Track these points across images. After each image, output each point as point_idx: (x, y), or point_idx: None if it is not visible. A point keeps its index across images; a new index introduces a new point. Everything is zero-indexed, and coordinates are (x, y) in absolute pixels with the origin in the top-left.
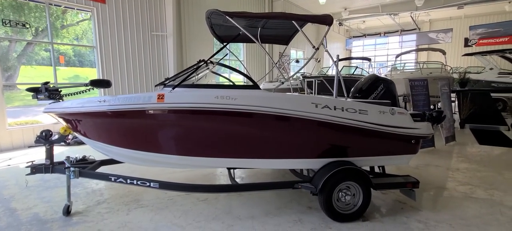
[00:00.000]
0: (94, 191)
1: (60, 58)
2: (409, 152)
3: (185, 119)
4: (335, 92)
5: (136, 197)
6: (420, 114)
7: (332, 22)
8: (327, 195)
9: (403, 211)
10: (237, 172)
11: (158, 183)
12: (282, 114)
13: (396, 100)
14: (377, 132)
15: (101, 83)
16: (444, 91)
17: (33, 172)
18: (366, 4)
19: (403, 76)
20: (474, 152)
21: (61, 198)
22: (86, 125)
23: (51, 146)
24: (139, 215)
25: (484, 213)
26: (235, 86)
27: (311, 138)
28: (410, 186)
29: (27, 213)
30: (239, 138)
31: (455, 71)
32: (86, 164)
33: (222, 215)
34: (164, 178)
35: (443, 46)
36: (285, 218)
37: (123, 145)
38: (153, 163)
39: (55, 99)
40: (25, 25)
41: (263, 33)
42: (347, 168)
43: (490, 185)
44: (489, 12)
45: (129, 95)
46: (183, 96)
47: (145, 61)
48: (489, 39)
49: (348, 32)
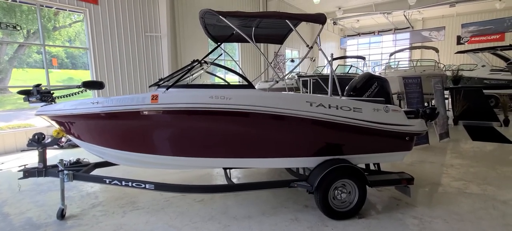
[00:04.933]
0: (89, 194)
1: (53, 61)
2: (403, 148)
3: (180, 120)
4: (329, 91)
5: (131, 199)
6: (414, 112)
7: (325, 20)
8: (323, 193)
9: (398, 208)
10: (233, 171)
11: (153, 185)
12: (277, 114)
13: (390, 98)
14: (371, 130)
15: (93, 84)
16: (437, 89)
17: (26, 176)
18: (360, 3)
19: (397, 74)
20: (467, 148)
21: (55, 202)
22: (79, 127)
23: (44, 149)
24: (135, 217)
25: (478, 208)
26: (229, 86)
27: (306, 136)
28: (405, 182)
29: (20, 217)
30: (234, 137)
31: (448, 68)
32: (80, 167)
33: (218, 216)
34: (160, 179)
35: (436, 44)
36: (282, 217)
37: (117, 147)
38: (148, 165)
39: (47, 102)
40: (16, 27)
41: (257, 33)
42: (342, 165)
43: (483, 180)
44: (480, 10)
45: (122, 97)
46: (177, 97)
47: (140, 63)
48: (480, 36)
49: (343, 31)
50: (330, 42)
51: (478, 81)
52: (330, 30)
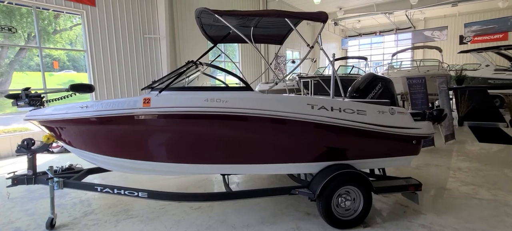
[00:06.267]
0: (82, 201)
1: (54, 64)
2: (410, 152)
3: (173, 124)
4: (332, 93)
5: (125, 207)
6: (420, 114)
7: (326, 19)
8: (326, 200)
9: (405, 215)
10: (231, 177)
11: (146, 193)
12: (277, 117)
13: (395, 99)
14: (376, 133)
15: (82, 88)
16: (442, 89)
17: (15, 183)
18: (361, 3)
19: (400, 74)
20: (474, 150)
21: (46, 210)
22: (69, 132)
23: (34, 155)
24: (128, 226)
25: (490, 215)
26: (226, 88)
27: (308, 140)
28: (413, 188)
29: (8, 227)
30: (231, 143)
31: (452, 68)
32: (72, 173)
33: (216, 225)
34: (156, 185)
35: (438, 44)
36: (282, 226)
37: (109, 153)
38: (142, 171)
39: (35, 106)
40: (11, 29)
41: (256, 33)
42: (346, 171)
43: (493, 185)
44: (483, 9)
45: (113, 100)
46: (171, 100)
47: (138, 65)
48: (484, 36)
49: (344, 32)
50: (331, 43)
51: (482, 81)
52: (331, 31)
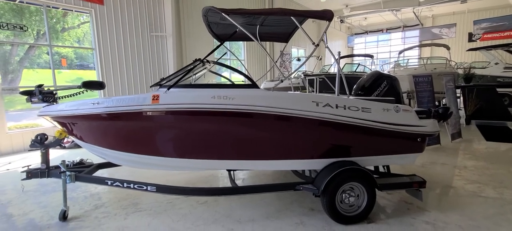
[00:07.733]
0: (93, 195)
1: (63, 61)
2: (415, 150)
3: (181, 120)
4: (337, 90)
5: (134, 201)
6: (425, 111)
7: (332, 17)
8: (330, 196)
9: (409, 212)
10: (237, 173)
11: (155, 187)
12: (282, 114)
13: (400, 97)
14: (381, 130)
15: (94, 84)
16: (449, 87)
17: (29, 177)
18: (367, 1)
19: (407, 72)
20: (481, 149)
21: (58, 203)
22: (80, 127)
23: (47, 150)
24: (137, 219)
25: (495, 213)
26: (232, 86)
27: (313, 137)
28: (417, 186)
29: (23, 218)
30: (238, 139)
31: (460, 66)
32: (83, 168)
33: (222, 219)
34: (163, 179)
35: (446, 41)
36: (287, 221)
37: (119, 148)
38: (150, 166)
39: (49, 102)
40: (23, 28)
41: (262, 31)
42: (350, 168)
43: (500, 183)
44: (493, 6)
45: (123, 97)
46: (179, 97)
47: (145, 62)
48: (493, 33)
49: (350, 30)
50: (337, 40)
51: (491, 79)
52: (337, 28)
